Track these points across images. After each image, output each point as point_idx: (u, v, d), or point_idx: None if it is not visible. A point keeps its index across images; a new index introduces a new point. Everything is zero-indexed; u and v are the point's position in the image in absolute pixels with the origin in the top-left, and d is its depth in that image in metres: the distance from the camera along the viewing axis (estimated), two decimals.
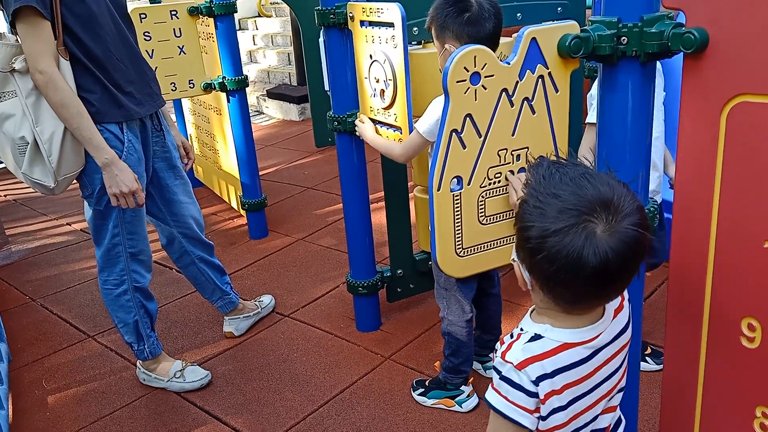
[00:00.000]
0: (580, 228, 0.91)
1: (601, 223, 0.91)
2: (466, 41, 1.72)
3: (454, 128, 1.44)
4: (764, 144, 1.10)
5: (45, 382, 2.53)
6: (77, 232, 3.99)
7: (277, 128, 6.15)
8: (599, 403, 1.09)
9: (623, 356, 1.10)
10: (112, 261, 2.19)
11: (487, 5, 1.74)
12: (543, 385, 1.01)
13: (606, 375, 1.07)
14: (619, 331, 1.07)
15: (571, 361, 1.02)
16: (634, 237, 0.92)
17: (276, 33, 7.83)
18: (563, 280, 0.94)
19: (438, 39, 1.81)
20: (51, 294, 3.24)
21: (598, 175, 0.96)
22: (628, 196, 0.95)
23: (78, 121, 1.91)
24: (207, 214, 4.00)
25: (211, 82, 3.34)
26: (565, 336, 1.02)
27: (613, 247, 0.91)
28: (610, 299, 1.03)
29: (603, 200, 0.92)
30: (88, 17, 1.93)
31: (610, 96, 1.33)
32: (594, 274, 0.91)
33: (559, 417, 1.04)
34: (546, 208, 0.93)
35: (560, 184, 0.95)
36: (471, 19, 1.72)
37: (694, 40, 1.12)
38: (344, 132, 2.32)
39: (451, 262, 1.60)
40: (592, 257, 0.90)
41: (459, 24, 1.72)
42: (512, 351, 1.03)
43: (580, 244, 0.90)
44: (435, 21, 1.79)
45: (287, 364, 2.49)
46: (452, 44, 1.74)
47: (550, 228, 0.92)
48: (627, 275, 0.96)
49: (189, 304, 3.00)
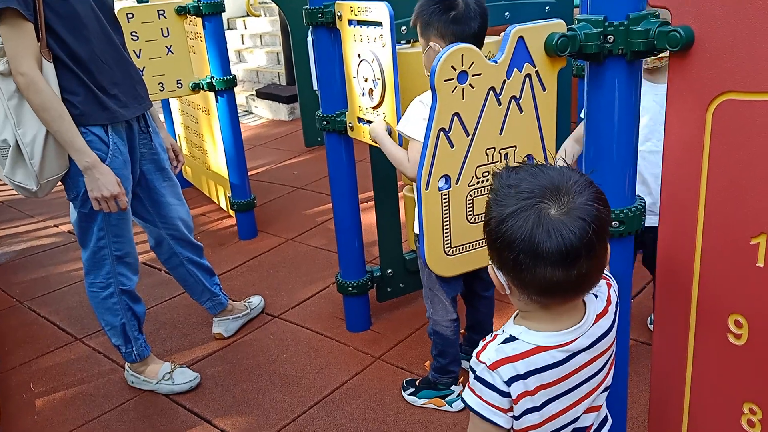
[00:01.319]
0: (533, 210, 0.94)
1: (555, 204, 0.94)
2: (451, 40, 1.70)
3: (442, 127, 1.44)
4: (749, 141, 1.11)
5: (33, 385, 2.51)
6: (65, 233, 3.96)
7: (267, 128, 6.13)
8: (580, 404, 1.09)
9: (606, 358, 1.10)
10: (98, 264, 2.17)
11: (474, 4, 1.73)
12: (515, 386, 1.02)
13: (586, 377, 1.07)
14: (601, 334, 1.07)
15: (544, 363, 1.03)
16: (589, 212, 0.94)
17: (265, 32, 7.81)
18: (527, 266, 0.95)
19: (422, 36, 1.79)
20: (38, 296, 3.21)
21: (553, 167, 1.00)
22: (581, 178, 0.98)
23: (59, 124, 1.89)
24: (196, 215, 3.98)
25: (199, 82, 3.32)
26: (539, 339, 1.03)
27: (569, 224, 0.93)
28: (583, 289, 1.02)
29: (555, 184, 0.96)
30: (72, 18, 1.91)
31: (597, 94, 1.32)
32: (553, 254, 0.93)
33: (533, 417, 1.05)
34: (503, 199, 0.98)
35: (516, 176, 1.00)
36: (457, 17, 1.71)
37: (680, 38, 1.12)
38: (333, 131, 2.31)
39: (440, 261, 1.60)
40: (545, 236, 0.93)
41: (444, 22, 1.71)
42: (486, 351, 1.04)
43: (531, 224, 0.93)
44: (420, 18, 1.78)
45: (277, 365, 2.48)
46: (437, 42, 1.73)
47: (504, 213, 0.96)
48: (592, 256, 0.96)
49: (178, 306, 2.98)
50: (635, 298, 2.62)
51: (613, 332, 1.10)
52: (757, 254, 1.14)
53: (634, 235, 1.42)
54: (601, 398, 1.14)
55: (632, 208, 1.38)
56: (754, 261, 1.15)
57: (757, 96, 1.08)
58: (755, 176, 1.11)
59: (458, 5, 1.72)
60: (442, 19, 1.71)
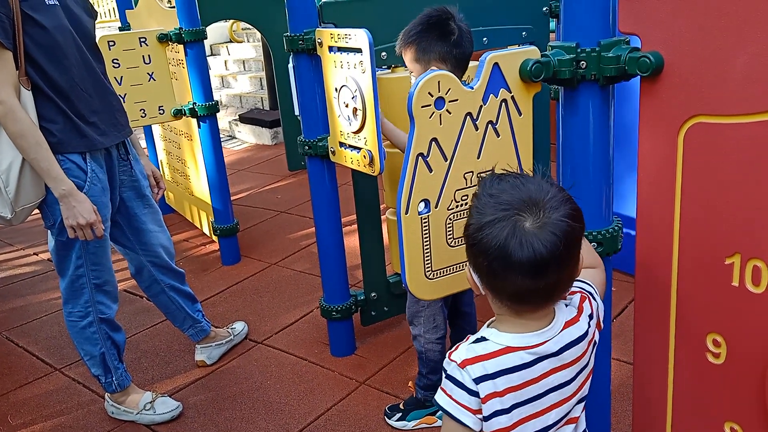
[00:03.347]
0: (509, 221, 0.99)
1: (530, 217, 0.99)
2: (452, 62, 1.79)
3: (420, 152, 1.45)
4: (721, 163, 1.13)
5: (10, 418, 2.45)
6: (44, 262, 3.90)
7: (250, 152, 6.13)
8: (551, 412, 1.10)
9: (579, 368, 1.11)
10: (77, 292, 2.14)
11: (465, 28, 1.82)
12: (484, 385, 1.04)
13: (555, 384, 1.09)
14: (570, 342, 1.09)
15: (513, 364, 1.05)
16: (562, 227, 0.98)
17: (248, 58, 7.85)
18: (499, 274, 1.01)
19: (418, 62, 1.83)
20: (16, 326, 3.16)
21: (533, 180, 1.04)
22: (559, 194, 1.02)
23: (36, 152, 1.88)
24: (178, 241, 3.95)
25: (181, 108, 3.33)
26: (507, 340, 1.06)
27: (541, 238, 0.97)
28: (552, 297, 1.06)
29: (532, 198, 1.00)
30: (51, 47, 1.91)
31: (572, 118, 1.35)
32: (523, 264, 0.97)
33: (502, 420, 1.06)
34: (483, 208, 1.03)
35: (498, 186, 1.04)
36: (457, 41, 1.79)
37: (650, 63, 1.15)
38: (315, 156, 2.32)
39: (421, 284, 1.60)
40: (518, 247, 0.97)
41: (447, 46, 1.78)
42: (458, 351, 1.08)
43: (505, 235, 0.98)
44: (415, 45, 1.81)
45: (261, 392, 2.45)
46: (438, 66, 1.79)
47: (482, 221, 1.01)
48: (562, 269, 1.01)
49: (160, 333, 2.95)
50: (619, 317, 2.64)
51: (586, 343, 1.11)
52: (732, 273, 1.16)
53: (611, 255, 1.43)
54: (576, 409, 1.15)
55: (609, 230, 1.40)
56: (729, 280, 1.17)
57: (726, 119, 1.10)
58: (728, 197, 1.13)
59: (455, 30, 1.79)
60: (444, 44, 1.78)
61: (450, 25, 1.80)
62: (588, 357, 1.13)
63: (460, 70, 1.82)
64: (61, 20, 1.94)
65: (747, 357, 1.17)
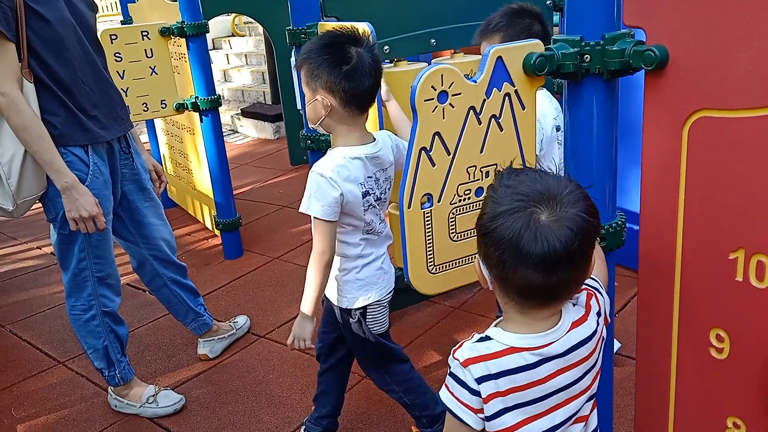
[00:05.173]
0: (525, 213, 0.97)
1: (547, 210, 0.97)
2: (341, 96, 1.59)
3: (423, 146, 1.44)
4: (725, 157, 1.12)
5: (14, 410, 2.46)
6: (47, 255, 3.91)
7: (252, 147, 6.13)
8: (558, 410, 1.09)
9: (588, 367, 1.10)
10: (80, 286, 2.15)
11: (369, 59, 1.60)
12: (485, 385, 1.03)
13: (562, 385, 1.08)
14: (577, 343, 1.08)
15: (516, 365, 1.04)
16: (578, 223, 0.97)
17: (250, 52, 7.84)
18: (510, 265, 0.98)
19: (308, 85, 1.63)
20: (20, 320, 3.17)
21: (552, 174, 1.03)
22: (577, 190, 1.01)
23: (39, 144, 1.88)
24: (181, 235, 3.96)
25: (183, 102, 3.32)
26: (512, 340, 1.05)
27: (556, 232, 0.95)
28: (560, 296, 1.04)
29: (551, 192, 0.99)
30: (54, 40, 1.91)
31: (576, 112, 1.34)
32: (535, 257, 0.95)
33: (507, 419, 1.06)
34: (499, 197, 1.01)
35: (516, 178, 1.03)
36: (348, 73, 1.57)
37: (655, 57, 1.14)
38: (317, 150, 2.32)
39: (424, 279, 1.60)
40: (531, 239, 0.95)
41: (335, 76, 1.57)
42: (461, 349, 1.07)
43: (520, 226, 0.96)
44: (306, 65, 1.62)
45: (263, 386, 2.45)
46: (325, 97, 1.60)
47: (497, 210, 0.99)
48: (573, 267, 0.99)
49: (162, 327, 2.95)
50: (622, 311, 2.63)
51: (595, 341, 1.10)
52: (736, 269, 1.16)
53: (615, 250, 1.43)
54: (586, 408, 1.14)
55: (613, 224, 1.40)
56: (733, 275, 1.16)
57: (730, 113, 1.10)
58: (732, 192, 1.13)
59: (351, 59, 1.57)
60: (333, 72, 1.57)
61: (348, 52, 1.58)
62: (597, 355, 1.12)
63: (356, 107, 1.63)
64: (64, 13, 1.94)
65: (750, 352, 1.17)
